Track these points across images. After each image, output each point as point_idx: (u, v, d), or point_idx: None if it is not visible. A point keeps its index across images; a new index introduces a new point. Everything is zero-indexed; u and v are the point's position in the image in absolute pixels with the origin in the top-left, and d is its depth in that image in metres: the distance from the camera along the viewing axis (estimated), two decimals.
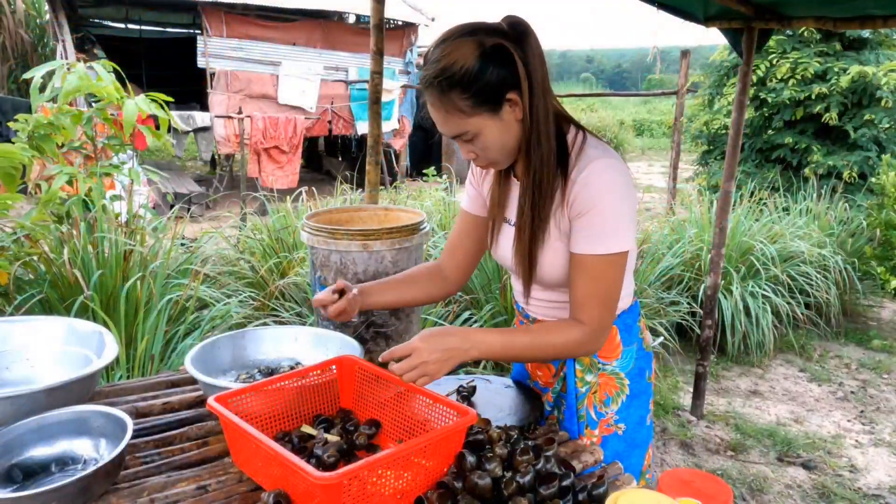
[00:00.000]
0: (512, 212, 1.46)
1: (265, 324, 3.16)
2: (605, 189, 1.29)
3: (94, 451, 1.27)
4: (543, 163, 1.31)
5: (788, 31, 7.36)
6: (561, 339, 1.34)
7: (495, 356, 1.34)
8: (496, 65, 1.23)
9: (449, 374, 1.32)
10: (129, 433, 1.21)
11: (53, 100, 3.19)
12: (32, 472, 1.23)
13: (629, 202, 1.31)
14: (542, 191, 1.33)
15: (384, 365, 1.31)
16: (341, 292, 1.49)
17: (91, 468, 1.12)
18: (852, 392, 4.11)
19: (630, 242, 1.32)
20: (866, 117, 6.96)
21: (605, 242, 1.30)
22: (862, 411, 3.87)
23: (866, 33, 7.31)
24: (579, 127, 1.38)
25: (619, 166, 1.32)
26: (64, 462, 1.26)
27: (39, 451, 1.25)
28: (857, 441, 3.53)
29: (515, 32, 1.26)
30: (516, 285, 1.58)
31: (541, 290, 1.50)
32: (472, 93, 1.23)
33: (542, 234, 1.37)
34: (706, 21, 3.32)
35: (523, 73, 1.24)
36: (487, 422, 1.34)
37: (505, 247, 1.48)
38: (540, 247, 1.39)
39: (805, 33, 7.38)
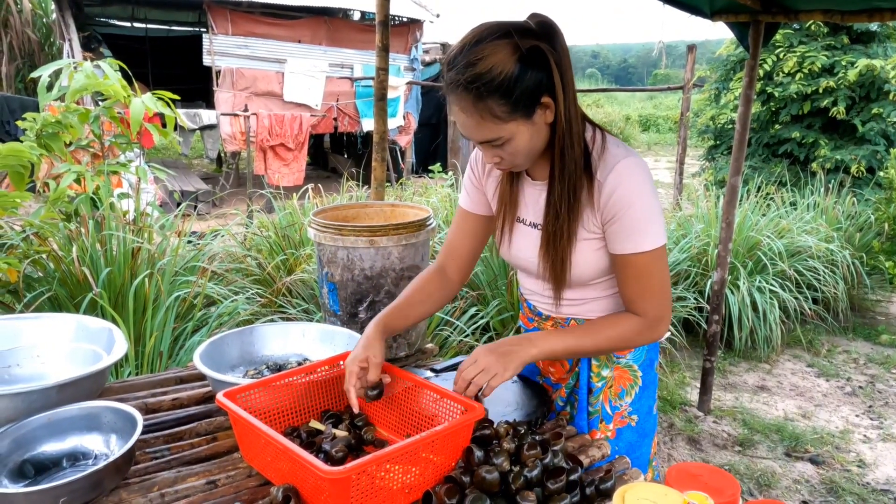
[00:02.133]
0: (526, 211, 1.44)
1: (272, 320, 3.17)
2: (636, 190, 1.29)
3: (104, 447, 1.28)
4: (576, 165, 1.30)
5: (795, 25, 7.32)
6: (617, 331, 1.36)
7: (555, 352, 1.37)
8: (533, 69, 1.20)
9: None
10: (139, 429, 1.22)
11: (61, 98, 3.21)
12: (44, 468, 1.24)
13: (656, 198, 1.33)
14: (576, 193, 1.32)
15: (392, 361, 1.31)
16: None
17: (102, 463, 1.13)
18: (860, 387, 4.09)
19: (665, 236, 1.34)
20: (874, 111, 6.91)
21: (645, 240, 1.30)
22: (870, 406, 3.85)
23: (874, 26, 7.26)
24: (595, 125, 1.37)
25: (642, 164, 1.32)
26: (75, 457, 1.27)
27: (51, 447, 1.26)
28: (865, 436, 3.52)
29: (545, 32, 1.22)
30: (527, 283, 1.56)
31: (568, 290, 1.48)
32: (511, 99, 1.20)
33: (576, 237, 1.36)
34: (713, 15, 3.31)
35: (558, 77, 1.22)
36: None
37: (522, 247, 1.46)
38: (574, 249, 1.37)
39: (812, 27, 7.33)
